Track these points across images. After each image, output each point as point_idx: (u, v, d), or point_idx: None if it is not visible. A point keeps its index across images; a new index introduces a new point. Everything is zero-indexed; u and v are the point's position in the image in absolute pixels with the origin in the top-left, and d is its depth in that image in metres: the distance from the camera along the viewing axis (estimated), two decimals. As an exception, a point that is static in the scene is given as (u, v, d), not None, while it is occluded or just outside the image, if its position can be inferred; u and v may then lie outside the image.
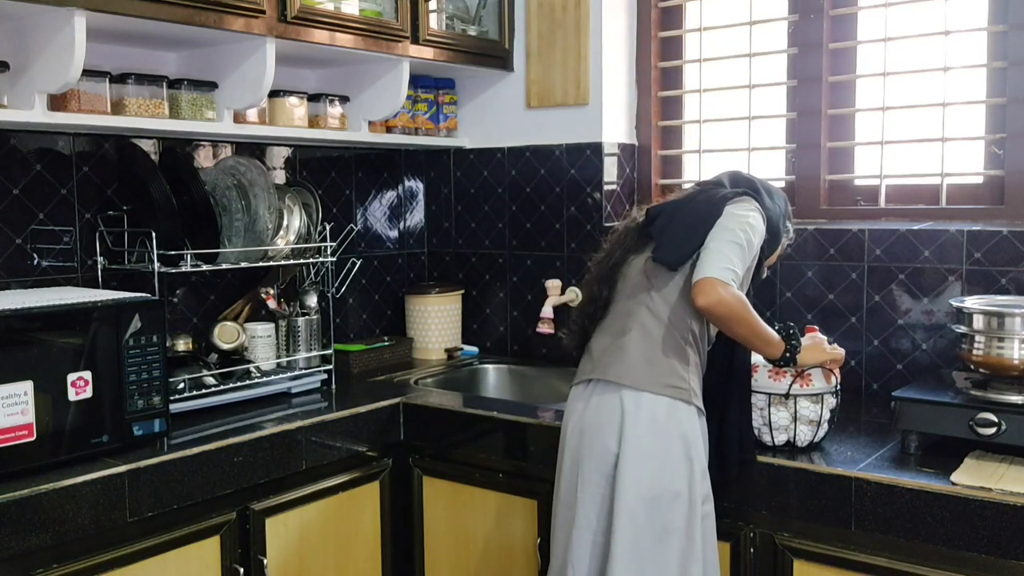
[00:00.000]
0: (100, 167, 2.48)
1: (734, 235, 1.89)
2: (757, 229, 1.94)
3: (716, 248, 1.88)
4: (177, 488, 1.99)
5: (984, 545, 1.72)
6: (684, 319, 1.94)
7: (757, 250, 1.96)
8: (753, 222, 1.94)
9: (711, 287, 1.83)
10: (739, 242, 1.89)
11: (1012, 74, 2.41)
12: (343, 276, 2.83)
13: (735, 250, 1.88)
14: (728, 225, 1.91)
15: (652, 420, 1.89)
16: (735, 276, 1.86)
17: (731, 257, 1.87)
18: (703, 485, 1.91)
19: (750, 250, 1.91)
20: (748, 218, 1.93)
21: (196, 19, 2.22)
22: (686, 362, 1.93)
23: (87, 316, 1.97)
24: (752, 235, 1.92)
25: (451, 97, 3.21)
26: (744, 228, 1.91)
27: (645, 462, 1.87)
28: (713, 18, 2.90)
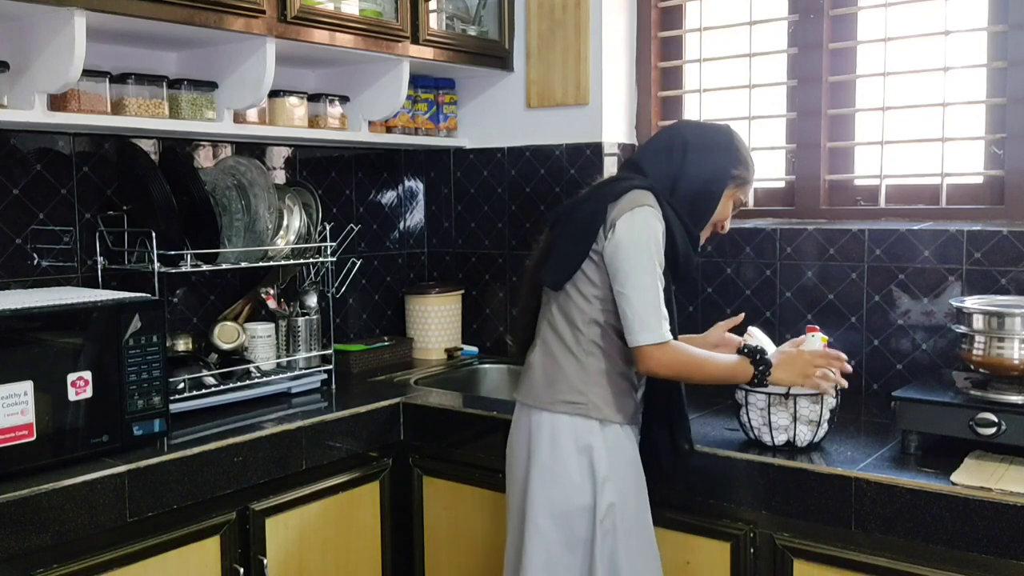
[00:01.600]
0: (100, 167, 2.48)
1: (642, 270, 1.83)
2: (653, 237, 1.86)
3: (635, 298, 1.83)
4: (177, 488, 1.99)
5: (984, 545, 1.72)
6: (583, 330, 1.92)
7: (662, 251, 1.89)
8: (645, 235, 1.85)
9: (647, 357, 1.84)
10: (650, 275, 1.84)
11: (1012, 74, 2.41)
12: (343, 276, 2.83)
13: (651, 290, 1.83)
14: (631, 259, 1.84)
15: (552, 439, 1.93)
16: (664, 320, 1.84)
17: (651, 303, 1.83)
18: (616, 494, 1.90)
19: (659, 265, 1.87)
20: (642, 236, 1.85)
21: (196, 19, 2.22)
22: (585, 374, 1.92)
23: (87, 316, 1.97)
24: (653, 249, 1.86)
25: (451, 97, 3.21)
26: (646, 251, 1.84)
27: (550, 482, 1.92)
28: (713, 18, 2.90)
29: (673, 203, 1.94)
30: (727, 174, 2.00)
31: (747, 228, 2.70)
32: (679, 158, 1.98)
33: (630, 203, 1.87)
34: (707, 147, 2.01)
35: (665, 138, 2.04)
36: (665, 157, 1.99)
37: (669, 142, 2.01)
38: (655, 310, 1.83)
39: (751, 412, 2.06)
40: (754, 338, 2.16)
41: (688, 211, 1.96)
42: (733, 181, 2.02)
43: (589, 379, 1.93)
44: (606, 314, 1.91)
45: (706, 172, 1.98)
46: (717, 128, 2.08)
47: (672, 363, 1.85)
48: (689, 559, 2.11)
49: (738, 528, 2.03)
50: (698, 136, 2.03)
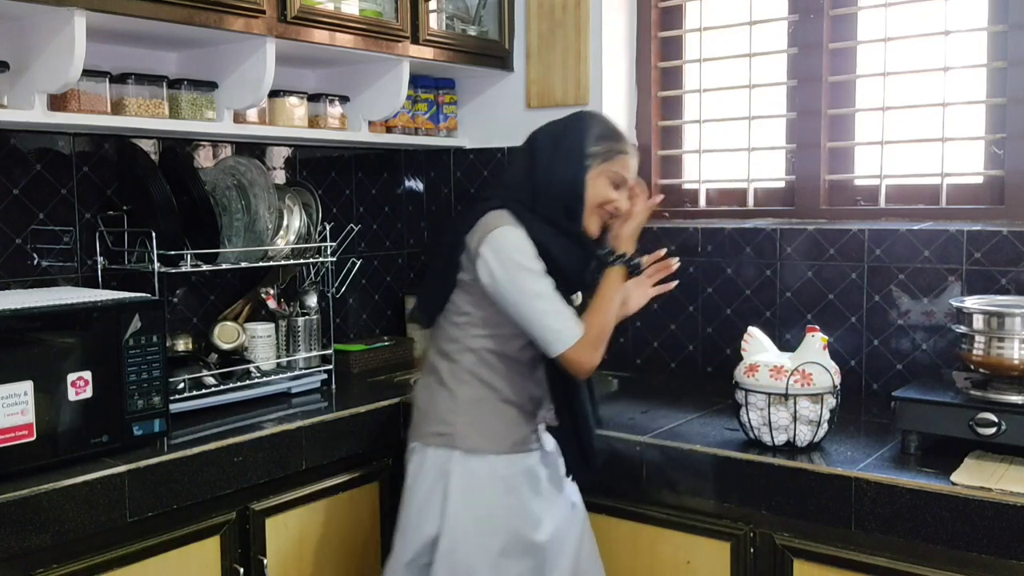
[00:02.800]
0: (100, 167, 2.48)
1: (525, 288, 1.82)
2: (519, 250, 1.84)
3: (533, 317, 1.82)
4: (177, 488, 1.99)
5: (984, 545, 1.72)
6: (457, 359, 1.91)
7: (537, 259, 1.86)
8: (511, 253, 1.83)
9: (571, 361, 1.85)
10: (534, 287, 1.82)
11: (1012, 74, 2.41)
12: (343, 276, 2.83)
13: (542, 300, 1.82)
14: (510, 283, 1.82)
15: (418, 470, 1.97)
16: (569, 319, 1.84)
17: (548, 311, 1.82)
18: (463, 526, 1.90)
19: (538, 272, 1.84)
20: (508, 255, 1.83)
21: (196, 19, 2.22)
22: (455, 403, 1.92)
23: (87, 316, 1.97)
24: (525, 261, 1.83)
25: (451, 97, 3.21)
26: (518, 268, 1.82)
27: (406, 509, 1.97)
28: (713, 18, 2.90)
29: (540, 208, 1.91)
30: (581, 156, 1.95)
31: (747, 228, 2.70)
32: (530, 161, 1.96)
33: (485, 229, 1.86)
34: (554, 138, 1.98)
35: (519, 147, 2.02)
36: (520, 166, 1.98)
37: (521, 149, 2.00)
38: (555, 316, 1.82)
39: (751, 412, 2.06)
40: (754, 339, 2.17)
41: (558, 209, 1.92)
42: (594, 159, 1.96)
43: (458, 408, 1.92)
44: (479, 339, 1.91)
45: (557, 163, 1.94)
46: (567, 117, 2.03)
47: (594, 347, 1.86)
48: (689, 559, 2.11)
49: (738, 528, 2.03)
50: (544, 132, 2.00)
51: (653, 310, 2.86)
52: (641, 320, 2.89)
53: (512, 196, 1.92)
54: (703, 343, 2.78)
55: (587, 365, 1.87)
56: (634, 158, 2.03)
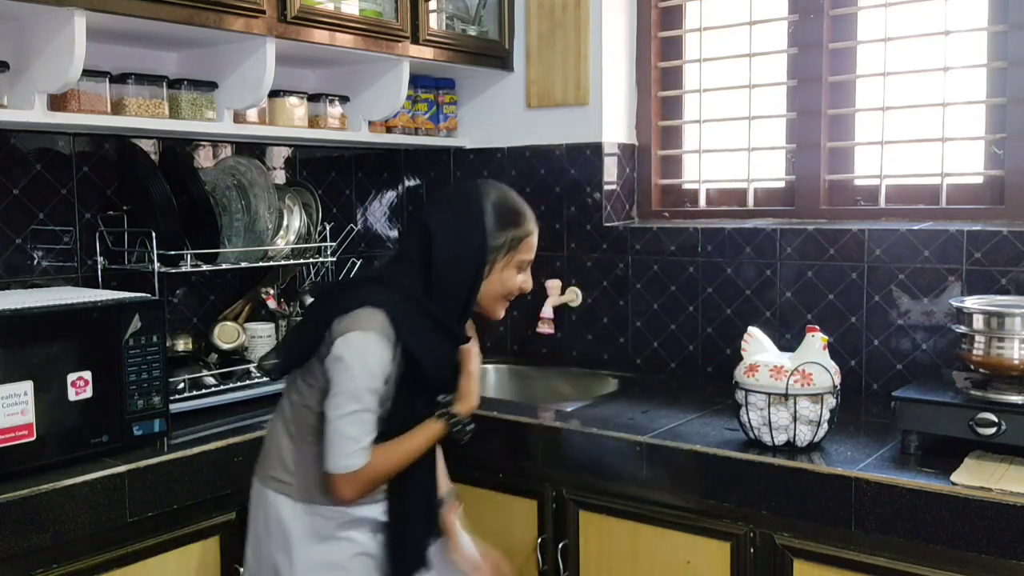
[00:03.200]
0: (100, 167, 2.48)
1: (347, 397, 1.73)
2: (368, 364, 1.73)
3: (332, 426, 1.73)
4: (177, 488, 1.99)
5: (984, 545, 1.72)
6: (302, 413, 1.83)
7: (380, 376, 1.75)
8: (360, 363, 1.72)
9: (333, 484, 1.75)
10: (354, 403, 1.72)
11: (1012, 74, 2.41)
12: (343, 276, 2.83)
13: (350, 421, 1.73)
14: (340, 384, 1.73)
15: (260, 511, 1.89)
16: (361, 451, 1.73)
17: (345, 432, 1.72)
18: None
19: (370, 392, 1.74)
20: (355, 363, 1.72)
21: (196, 19, 2.22)
22: (296, 455, 1.83)
23: (87, 316, 1.97)
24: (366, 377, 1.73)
25: (451, 97, 3.21)
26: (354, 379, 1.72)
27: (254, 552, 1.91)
28: (713, 18, 2.90)
29: (433, 306, 1.81)
30: (482, 251, 1.84)
31: (747, 228, 2.70)
32: (425, 250, 1.83)
33: (352, 324, 1.74)
34: (452, 231, 1.83)
35: (413, 231, 1.89)
36: (414, 250, 1.85)
37: (416, 230, 1.87)
38: (347, 440, 1.72)
39: (751, 412, 2.06)
40: (754, 339, 2.17)
41: (452, 309, 1.83)
42: (499, 252, 1.86)
43: (300, 460, 1.83)
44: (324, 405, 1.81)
45: (457, 263, 1.82)
46: (463, 198, 1.89)
47: (361, 487, 1.76)
48: (689, 559, 2.11)
49: (738, 528, 2.03)
50: (441, 222, 1.84)
51: (653, 310, 2.86)
52: (641, 320, 2.89)
53: (402, 289, 1.80)
54: (703, 343, 2.78)
55: (340, 496, 1.75)
56: (535, 234, 1.93)
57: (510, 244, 1.88)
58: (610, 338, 2.96)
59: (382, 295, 1.78)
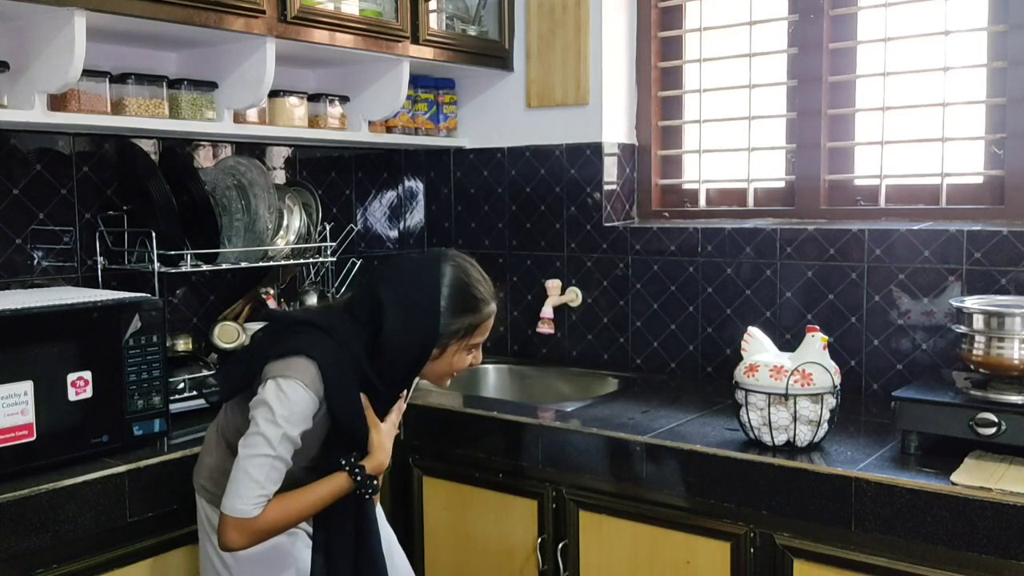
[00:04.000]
0: (100, 167, 2.48)
1: (260, 442, 1.67)
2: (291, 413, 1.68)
3: (240, 465, 1.67)
4: (177, 488, 1.99)
5: (984, 545, 1.72)
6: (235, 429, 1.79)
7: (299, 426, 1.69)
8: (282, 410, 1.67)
9: (223, 530, 1.67)
10: (266, 448, 1.66)
11: (1012, 74, 2.41)
12: (343, 276, 2.83)
13: (257, 464, 1.66)
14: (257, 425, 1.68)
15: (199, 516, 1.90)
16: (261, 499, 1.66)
17: (254, 479, 1.66)
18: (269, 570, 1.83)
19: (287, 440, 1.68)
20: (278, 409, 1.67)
21: (196, 19, 2.22)
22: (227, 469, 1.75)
23: (87, 316, 1.97)
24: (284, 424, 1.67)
25: (451, 97, 3.21)
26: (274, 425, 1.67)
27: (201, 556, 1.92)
28: (713, 18, 2.90)
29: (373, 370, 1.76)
30: (431, 339, 1.79)
31: (747, 228, 2.70)
32: (375, 320, 1.77)
33: (284, 370, 1.70)
34: (403, 311, 1.77)
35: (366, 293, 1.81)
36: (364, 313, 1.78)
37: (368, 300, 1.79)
38: (252, 484, 1.66)
39: (751, 412, 2.06)
40: (755, 339, 2.17)
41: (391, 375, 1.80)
42: (452, 337, 1.81)
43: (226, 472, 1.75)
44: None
45: (402, 340, 1.77)
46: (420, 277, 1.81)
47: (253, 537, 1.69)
48: (689, 559, 2.11)
49: (738, 528, 2.03)
50: (392, 298, 1.77)
51: (653, 310, 2.86)
52: (641, 320, 2.89)
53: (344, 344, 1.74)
54: (703, 343, 2.78)
55: (225, 540, 1.68)
56: (493, 316, 1.88)
57: (465, 330, 1.82)
58: (610, 338, 2.96)
59: (322, 347, 1.72)
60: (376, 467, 1.80)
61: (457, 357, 1.86)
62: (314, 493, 1.75)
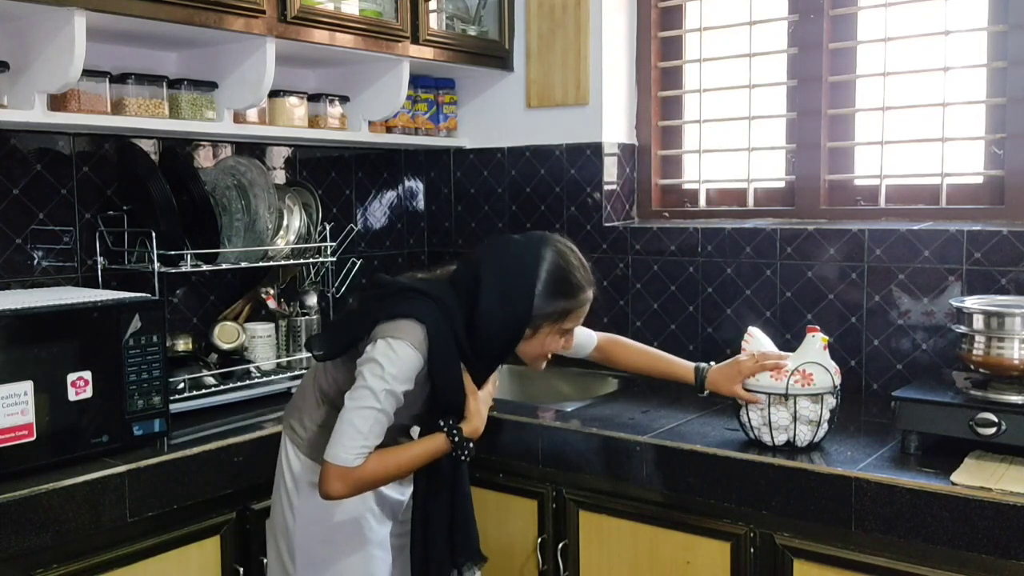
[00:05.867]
0: (100, 167, 2.48)
1: (367, 396, 1.76)
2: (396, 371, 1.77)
3: (347, 416, 1.76)
4: (177, 488, 1.99)
5: (984, 545, 1.72)
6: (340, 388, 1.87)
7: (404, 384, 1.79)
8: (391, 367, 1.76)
9: (325, 474, 1.76)
10: (371, 402, 1.76)
11: (1012, 74, 2.41)
12: (343, 276, 2.83)
13: (363, 417, 1.75)
14: (366, 380, 1.77)
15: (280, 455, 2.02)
16: (361, 448, 1.75)
17: (356, 427, 1.75)
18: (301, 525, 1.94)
19: (392, 397, 1.77)
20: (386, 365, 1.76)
21: (196, 19, 2.22)
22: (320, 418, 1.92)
23: (87, 316, 1.97)
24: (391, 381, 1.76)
25: (451, 97, 3.21)
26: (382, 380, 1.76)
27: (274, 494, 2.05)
28: (713, 18, 2.90)
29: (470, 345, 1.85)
30: (524, 318, 1.85)
31: (747, 228, 2.70)
32: (473, 291, 1.84)
33: (392, 330, 1.79)
34: (504, 284, 1.84)
35: (470, 267, 1.89)
36: (466, 285, 1.86)
37: (471, 265, 1.89)
38: (357, 435, 1.75)
39: (751, 412, 2.06)
40: (755, 339, 2.17)
41: (484, 352, 1.87)
42: (545, 319, 1.87)
43: (317, 420, 1.93)
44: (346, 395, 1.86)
45: (496, 317, 1.84)
46: (521, 257, 1.87)
47: (352, 487, 1.77)
48: (689, 559, 2.11)
49: (738, 528, 2.03)
50: (493, 270, 1.85)
51: (653, 310, 2.86)
52: (641, 320, 2.89)
53: (449, 316, 1.83)
54: (703, 343, 2.78)
55: (326, 488, 1.76)
56: (588, 303, 1.92)
57: (559, 314, 1.88)
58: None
59: (431, 313, 1.81)
60: (472, 431, 1.87)
61: (550, 339, 1.91)
62: (413, 450, 1.85)
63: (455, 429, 1.85)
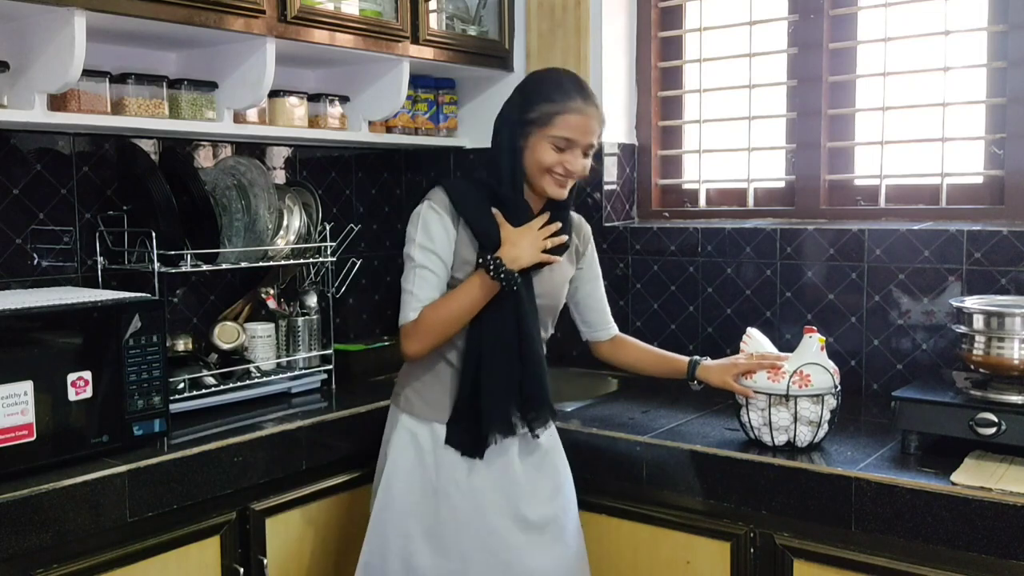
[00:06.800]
0: (100, 167, 2.48)
1: (406, 260, 1.99)
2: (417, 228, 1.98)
3: (403, 289, 1.98)
4: (177, 488, 1.99)
5: (984, 545, 1.72)
6: None
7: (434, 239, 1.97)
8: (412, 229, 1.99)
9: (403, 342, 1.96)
10: (408, 263, 1.98)
11: (1012, 74, 2.41)
12: (343, 276, 2.83)
13: (406, 279, 1.97)
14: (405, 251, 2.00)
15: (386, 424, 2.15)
16: (412, 302, 1.94)
17: (407, 291, 1.96)
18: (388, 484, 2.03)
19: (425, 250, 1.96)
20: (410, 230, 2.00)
21: (196, 19, 2.22)
22: (408, 367, 2.08)
23: (87, 316, 1.97)
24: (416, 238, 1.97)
25: (451, 97, 3.20)
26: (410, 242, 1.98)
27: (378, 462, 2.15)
28: (713, 18, 2.90)
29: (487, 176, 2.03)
30: (515, 123, 1.99)
31: (747, 228, 2.70)
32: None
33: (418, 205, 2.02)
34: (502, 108, 2.05)
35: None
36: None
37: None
38: (408, 296, 1.96)
39: (751, 412, 2.06)
40: (753, 339, 2.17)
41: (501, 178, 2.00)
42: (531, 126, 1.97)
43: (410, 371, 2.08)
44: None
45: (498, 132, 2.03)
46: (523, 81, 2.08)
47: (420, 339, 1.94)
48: (689, 559, 2.11)
49: (738, 528, 2.03)
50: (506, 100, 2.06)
51: (653, 310, 2.86)
52: (641, 320, 2.89)
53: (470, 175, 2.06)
54: (703, 343, 2.78)
55: (405, 349, 1.96)
56: (580, 114, 1.95)
57: (540, 119, 1.95)
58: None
59: (450, 181, 2.04)
60: (506, 255, 1.93)
61: (540, 148, 1.96)
62: (459, 290, 1.95)
63: (492, 258, 1.92)
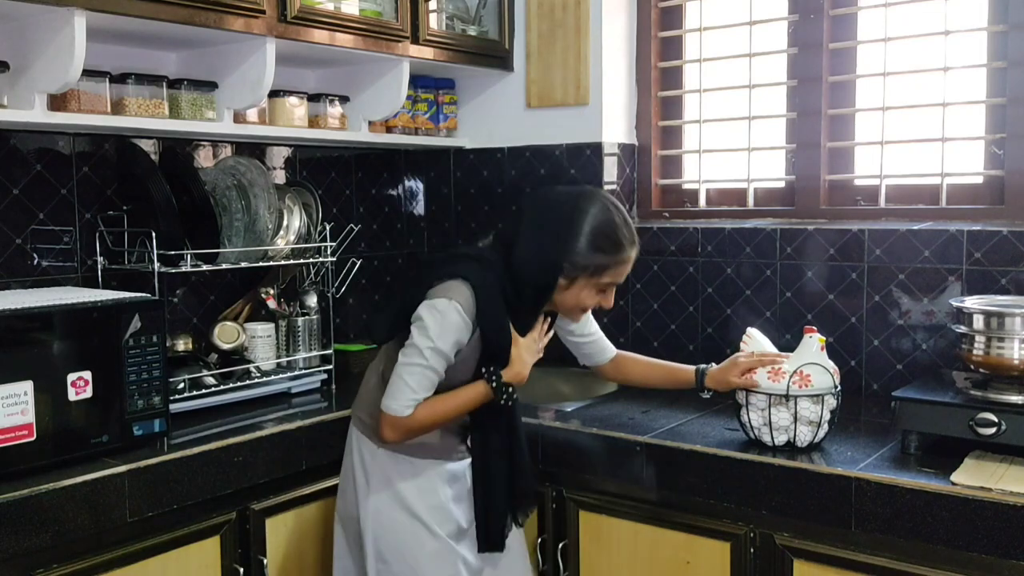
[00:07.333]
0: (100, 167, 2.48)
1: (416, 352, 1.88)
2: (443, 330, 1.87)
3: (400, 371, 1.90)
4: (177, 488, 1.99)
5: (984, 545, 1.72)
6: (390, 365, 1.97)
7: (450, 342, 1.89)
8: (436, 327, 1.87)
9: (382, 425, 1.92)
10: (420, 359, 1.88)
11: (1012, 74, 2.41)
12: (343, 276, 2.83)
13: (413, 373, 1.88)
14: (415, 339, 1.89)
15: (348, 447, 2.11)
16: (412, 400, 1.89)
17: (408, 382, 1.89)
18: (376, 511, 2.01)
19: (439, 354, 1.88)
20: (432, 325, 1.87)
21: (196, 19, 2.22)
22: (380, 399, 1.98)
23: (87, 316, 1.97)
24: (437, 340, 1.87)
25: (451, 97, 3.20)
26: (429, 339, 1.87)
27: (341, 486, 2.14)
28: (713, 18, 2.90)
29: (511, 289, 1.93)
30: (558, 262, 1.91)
31: (747, 228, 2.70)
32: (514, 233, 1.94)
33: (442, 292, 1.89)
34: (535, 239, 1.92)
35: (511, 218, 2.00)
36: (507, 229, 1.97)
37: (511, 225, 1.98)
38: (406, 388, 1.89)
39: (751, 412, 2.06)
40: (753, 339, 2.17)
41: (527, 297, 1.94)
42: (582, 271, 1.92)
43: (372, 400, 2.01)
44: None
45: (533, 259, 1.91)
46: (558, 210, 1.93)
47: (404, 433, 1.92)
48: (689, 559, 2.11)
49: (738, 528, 2.03)
50: (536, 211, 1.95)
51: (653, 310, 2.86)
52: (641, 320, 2.89)
53: (491, 268, 1.92)
54: (703, 343, 2.78)
55: (382, 434, 1.93)
56: (629, 263, 1.97)
57: (595, 268, 1.93)
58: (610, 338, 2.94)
59: (474, 270, 1.91)
60: (513, 376, 1.94)
61: (585, 293, 1.96)
62: (458, 397, 1.94)
63: (495, 375, 1.93)
